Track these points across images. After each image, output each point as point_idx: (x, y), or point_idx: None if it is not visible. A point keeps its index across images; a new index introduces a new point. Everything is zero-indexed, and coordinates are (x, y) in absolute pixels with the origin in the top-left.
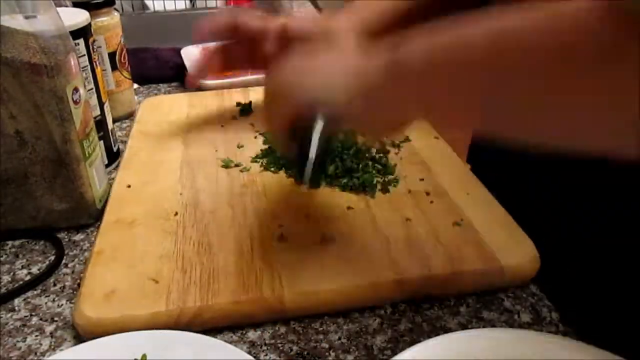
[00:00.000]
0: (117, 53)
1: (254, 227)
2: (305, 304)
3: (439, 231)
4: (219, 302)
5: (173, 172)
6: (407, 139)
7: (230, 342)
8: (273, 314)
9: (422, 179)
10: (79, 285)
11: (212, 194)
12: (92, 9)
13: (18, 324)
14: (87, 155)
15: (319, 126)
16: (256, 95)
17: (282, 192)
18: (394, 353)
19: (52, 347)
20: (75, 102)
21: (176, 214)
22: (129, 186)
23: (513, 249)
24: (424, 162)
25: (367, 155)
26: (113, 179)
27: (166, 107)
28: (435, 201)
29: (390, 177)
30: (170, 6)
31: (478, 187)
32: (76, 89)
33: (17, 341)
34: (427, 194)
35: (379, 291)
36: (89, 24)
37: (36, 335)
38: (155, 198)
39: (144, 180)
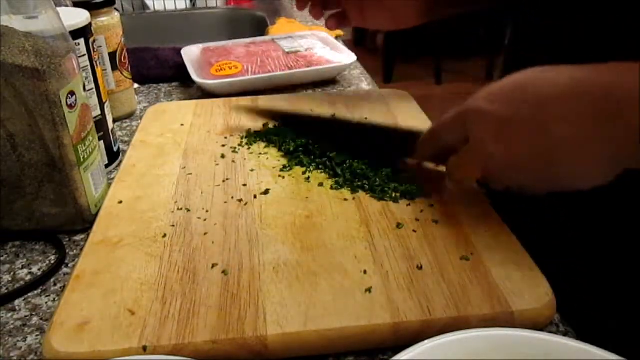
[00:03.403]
0: (118, 53)
1: (245, 254)
2: (289, 346)
3: (444, 266)
4: (195, 341)
5: (168, 188)
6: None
7: None
8: (255, 356)
9: (431, 205)
10: None
11: (205, 213)
12: (93, 8)
13: (18, 323)
14: (82, 160)
15: None
16: (264, 104)
17: (280, 215)
18: (395, 353)
19: None
20: (70, 107)
21: (164, 235)
22: (121, 202)
23: (527, 292)
24: (434, 183)
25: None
26: (113, 178)
27: (171, 116)
28: (443, 229)
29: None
30: (170, 6)
31: (493, 216)
32: (72, 93)
33: (18, 341)
34: (435, 222)
35: (371, 335)
36: (90, 24)
37: (37, 335)
38: (146, 216)
39: (137, 196)
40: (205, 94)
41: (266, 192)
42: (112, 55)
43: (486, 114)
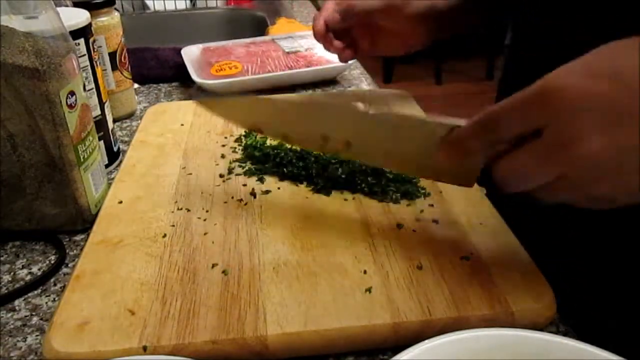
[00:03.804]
0: (118, 53)
1: (245, 254)
2: (290, 346)
3: (444, 266)
4: (195, 341)
5: (168, 188)
6: None
7: None
8: (255, 356)
9: (431, 205)
10: None
11: (205, 213)
12: (93, 8)
13: (18, 323)
14: (82, 160)
15: None
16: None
17: (280, 215)
18: (395, 353)
19: None
20: (70, 107)
21: (164, 235)
22: (121, 202)
23: (527, 292)
24: (434, 183)
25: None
26: (113, 178)
27: (171, 116)
28: (443, 229)
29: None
30: (170, 6)
31: (493, 216)
32: (72, 93)
33: (18, 341)
34: (435, 222)
35: (371, 335)
36: (90, 24)
37: (37, 335)
38: (146, 217)
39: (137, 196)
40: (205, 94)
41: (266, 192)
42: (112, 55)
43: (591, 96)
